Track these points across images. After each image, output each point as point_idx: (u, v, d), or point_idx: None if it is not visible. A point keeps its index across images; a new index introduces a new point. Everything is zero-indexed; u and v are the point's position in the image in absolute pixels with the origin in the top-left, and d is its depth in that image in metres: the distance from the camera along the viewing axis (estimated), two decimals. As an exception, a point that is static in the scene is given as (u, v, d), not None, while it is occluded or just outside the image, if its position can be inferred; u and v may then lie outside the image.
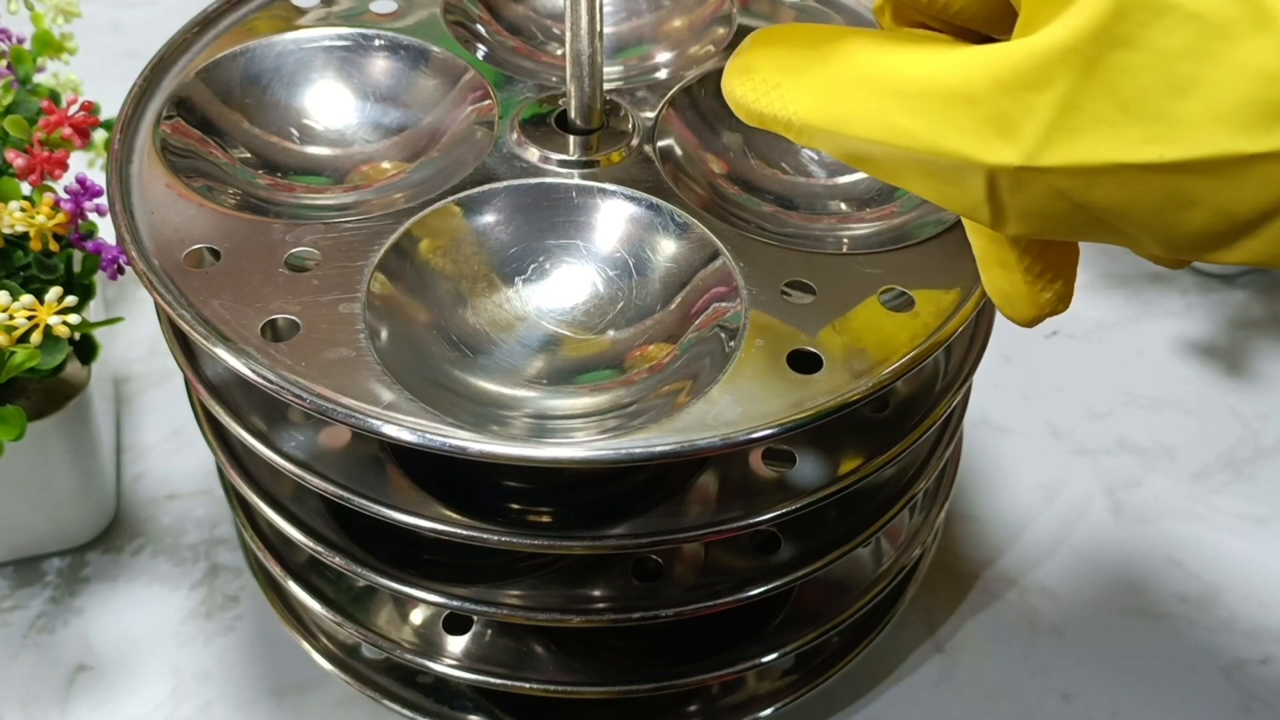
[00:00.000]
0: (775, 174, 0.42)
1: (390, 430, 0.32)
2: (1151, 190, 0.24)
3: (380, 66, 0.44)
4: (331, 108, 0.43)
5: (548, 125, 0.41)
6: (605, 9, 0.44)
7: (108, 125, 0.50)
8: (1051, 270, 0.30)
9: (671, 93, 0.42)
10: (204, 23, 0.45)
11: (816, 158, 0.43)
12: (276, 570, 0.43)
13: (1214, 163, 0.23)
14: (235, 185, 0.40)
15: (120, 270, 0.46)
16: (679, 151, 0.41)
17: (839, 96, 0.28)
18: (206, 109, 0.42)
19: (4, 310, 0.41)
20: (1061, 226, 0.26)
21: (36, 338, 0.41)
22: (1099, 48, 0.23)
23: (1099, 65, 0.23)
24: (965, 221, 0.30)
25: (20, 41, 0.51)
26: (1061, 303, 0.30)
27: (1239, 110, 0.23)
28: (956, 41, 0.28)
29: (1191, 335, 0.63)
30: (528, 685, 0.41)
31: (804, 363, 0.34)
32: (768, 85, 0.29)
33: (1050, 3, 0.24)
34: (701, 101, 0.43)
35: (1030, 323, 0.31)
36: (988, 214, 0.26)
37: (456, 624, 0.43)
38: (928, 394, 0.40)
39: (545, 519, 0.37)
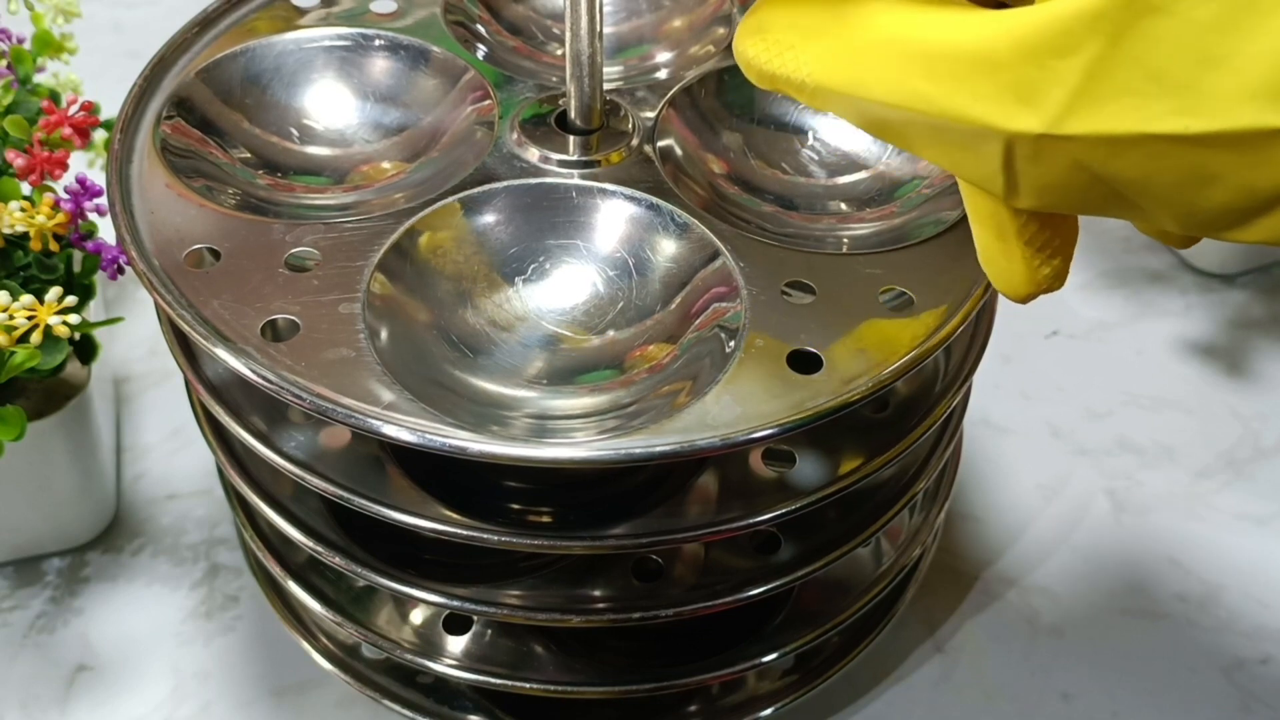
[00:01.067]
0: (775, 174, 0.42)
1: (390, 430, 0.32)
2: (1174, 163, 0.23)
3: (380, 66, 0.44)
4: (331, 108, 0.43)
5: (548, 125, 0.41)
6: (605, 9, 0.44)
7: (108, 125, 0.50)
8: (1051, 248, 0.29)
9: (671, 93, 0.42)
10: (204, 23, 0.45)
11: (817, 157, 0.43)
12: (276, 570, 0.43)
13: (1240, 136, 0.22)
14: (235, 185, 0.40)
15: (120, 270, 0.46)
16: (679, 151, 0.41)
17: (855, 59, 0.27)
18: (206, 109, 0.42)
19: (4, 310, 0.41)
20: (1077, 199, 0.25)
21: (36, 338, 0.41)
22: (1129, 14, 0.23)
23: (1128, 32, 0.23)
24: (966, 196, 0.30)
25: (20, 41, 0.51)
26: (1058, 280, 0.30)
27: (1267, 84, 0.22)
28: (975, 5, 0.28)
29: (1191, 335, 0.63)
30: (528, 685, 0.41)
31: (804, 363, 0.34)
32: (781, 46, 0.28)
33: None
34: (702, 101, 0.43)
35: (1025, 299, 0.30)
36: (1002, 184, 0.26)
37: (456, 624, 0.43)
38: (928, 394, 0.40)
39: (545, 519, 0.37)
